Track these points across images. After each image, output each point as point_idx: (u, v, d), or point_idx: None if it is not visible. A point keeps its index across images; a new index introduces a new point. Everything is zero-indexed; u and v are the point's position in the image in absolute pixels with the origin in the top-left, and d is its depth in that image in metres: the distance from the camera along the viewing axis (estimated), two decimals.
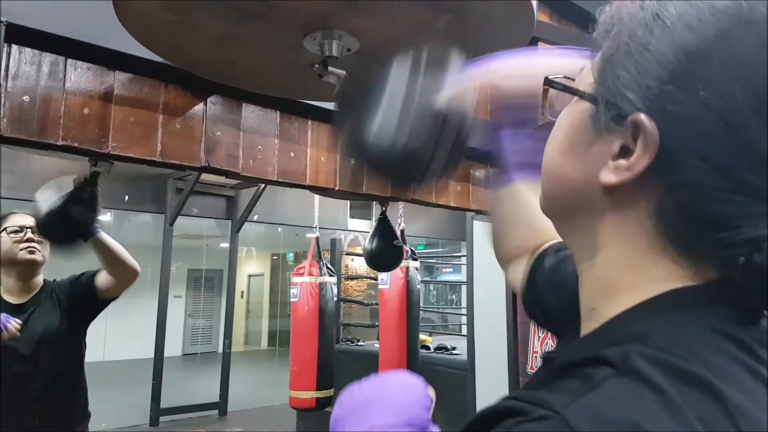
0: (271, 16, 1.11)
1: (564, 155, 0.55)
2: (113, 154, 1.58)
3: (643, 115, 0.47)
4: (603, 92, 0.51)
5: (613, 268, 0.52)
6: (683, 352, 0.43)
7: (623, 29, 0.51)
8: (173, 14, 1.13)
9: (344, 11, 1.09)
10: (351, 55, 1.22)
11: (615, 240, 0.52)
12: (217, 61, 1.39)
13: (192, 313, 14.54)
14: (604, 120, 0.50)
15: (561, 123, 0.57)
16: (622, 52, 0.50)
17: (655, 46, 0.48)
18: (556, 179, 0.57)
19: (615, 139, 0.50)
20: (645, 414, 0.39)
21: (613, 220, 0.52)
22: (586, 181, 0.53)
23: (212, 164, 1.76)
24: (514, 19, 1.16)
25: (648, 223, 0.50)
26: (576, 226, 0.56)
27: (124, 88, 1.61)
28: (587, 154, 0.53)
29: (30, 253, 2.21)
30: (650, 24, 0.49)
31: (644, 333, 0.45)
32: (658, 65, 0.48)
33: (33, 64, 1.47)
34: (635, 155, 0.48)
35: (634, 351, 0.43)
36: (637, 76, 0.49)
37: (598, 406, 0.40)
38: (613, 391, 0.41)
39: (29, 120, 1.44)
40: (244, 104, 1.85)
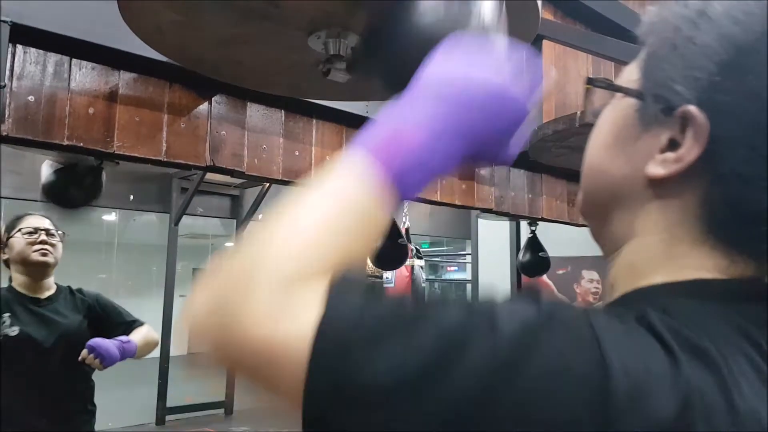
0: (275, 15, 1.10)
1: (608, 151, 0.56)
2: (118, 153, 1.58)
3: (693, 106, 0.48)
4: (649, 87, 0.52)
5: (645, 252, 0.53)
6: (696, 330, 0.43)
7: (667, 26, 0.52)
8: (178, 14, 1.13)
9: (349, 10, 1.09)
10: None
11: (653, 229, 0.52)
12: (221, 61, 1.39)
13: None
14: (652, 113, 0.51)
15: (604, 121, 0.58)
16: (668, 47, 0.51)
17: (701, 39, 0.49)
18: (599, 175, 0.57)
19: (663, 132, 0.50)
20: (655, 362, 0.40)
21: (654, 211, 0.52)
22: (630, 175, 0.53)
23: (217, 163, 1.76)
24: (519, 17, 1.16)
25: (691, 213, 0.50)
26: (613, 221, 0.56)
27: (129, 88, 1.61)
28: (633, 148, 0.53)
29: (42, 254, 2.26)
30: (695, 20, 0.50)
31: (664, 305, 0.46)
32: (705, 57, 0.48)
33: (38, 64, 1.47)
34: (685, 147, 0.49)
35: (653, 314, 0.44)
36: (684, 69, 0.49)
37: (617, 328, 0.42)
38: (632, 328, 0.42)
39: (34, 120, 1.45)
40: (249, 103, 1.85)
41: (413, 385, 0.38)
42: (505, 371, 0.38)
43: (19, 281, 2.29)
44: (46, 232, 2.28)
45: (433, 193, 2.41)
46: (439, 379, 0.38)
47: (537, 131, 2.33)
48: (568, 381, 0.38)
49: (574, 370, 0.38)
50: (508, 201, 2.75)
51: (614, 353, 0.39)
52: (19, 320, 2.15)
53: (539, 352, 0.39)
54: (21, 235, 2.26)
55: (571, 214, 3.14)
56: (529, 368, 0.38)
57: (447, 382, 0.38)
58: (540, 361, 0.39)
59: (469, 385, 0.38)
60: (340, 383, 0.39)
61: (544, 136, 2.23)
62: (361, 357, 0.39)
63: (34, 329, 2.18)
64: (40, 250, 2.26)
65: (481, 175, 2.63)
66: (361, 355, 0.39)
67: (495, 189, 2.69)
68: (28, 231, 2.26)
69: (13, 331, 2.12)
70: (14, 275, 2.28)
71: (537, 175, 2.93)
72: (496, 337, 0.39)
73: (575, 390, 0.38)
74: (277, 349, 0.41)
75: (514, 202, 2.78)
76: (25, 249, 2.25)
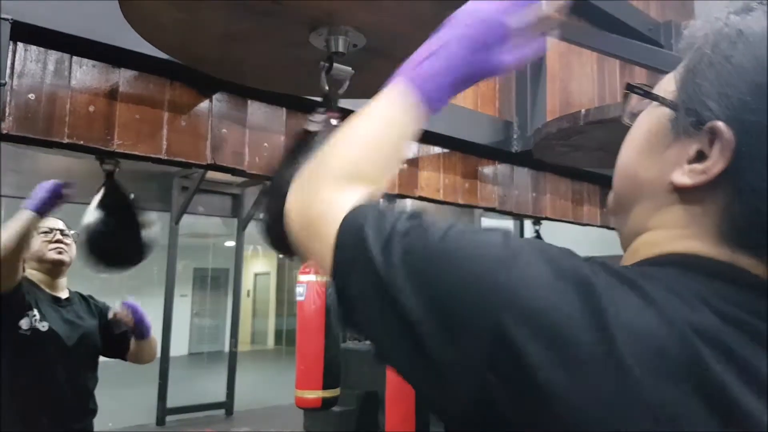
0: (277, 12, 1.10)
1: (639, 155, 0.59)
2: (119, 151, 1.57)
3: (721, 122, 0.50)
4: (684, 99, 0.55)
5: (652, 240, 0.56)
6: (644, 280, 0.48)
7: (707, 42, 0.55)
8: (179, 11, 1.13)
9: (350, 7, 1.08)
10: (357, 51, 1.21)
11: (668, 225, 0.55)
12: (223, 58, 1.38)
13: (198, 312, 14.55)
14: (684, 125, 0.54)
15: (639, 125, 0.61)
16: (705, 63, 0.54)
17: (737, 59, 0.52)
18: (629, 176, 0.60)
19: (692, 144, 0.53)
20: (559, 254, 0.49)
21: (674, 211, 0.55)
22: (656, 178, 0.56)
23: (218, 162, 1.75)
24: None
25: (710, 220, 0.53)
26: (631, 216, 0.59)
27: (130, 86, 1.60)
28: (663, 155, 0.56)
29: (58, 253, 2.32)
30: (734, 39, 0.53)
31: (627, 266, 0.50)
32: (738, 77, 0.51)
33: (38, 62, 1.46)
34: (711, 160, 0.51)
35: (600, 261, 0.49)
36: (718, 85, 0.52)
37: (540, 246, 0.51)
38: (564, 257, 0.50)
39: (35, 118, 1.44)
40: (250, 101, 1.84)
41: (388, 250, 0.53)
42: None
43: (37, 277, 2.34)
44: (61, 232, 2.34)
45: (436, 192, 2.40)
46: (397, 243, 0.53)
47: (540, 129, 2.32)
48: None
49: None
50: (512, 200, 2.73)
51: None
52: (46, 317, 2.21)
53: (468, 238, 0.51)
54: (37, 234, 2.31)
55: (575, 213, 3.13)
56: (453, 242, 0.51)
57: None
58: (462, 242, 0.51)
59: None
60: (353, 244, 0.56)
61: (548, 134, 2.22)
62: (364, 235, 0.55)
63: (60, 326, 2.24)
64: (56, 249, 2.32)
65: (484, 174, 2.62)
66: (364, 234, 0.55)
67: (498, 188, 2.67)
68: (43, 231, 2.32)
69: (43, 327, 2.19)
70: (29, 272, 2.33)
71: (541, 173, 2.92)
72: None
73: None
74: (326, 219, 0.59)
75: (517, 200, 2.77)
76: (42, 248, 2.31)
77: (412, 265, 0.50)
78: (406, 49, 1.23)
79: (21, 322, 2.14)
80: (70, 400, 2.27)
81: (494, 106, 2.67)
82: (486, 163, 2.63)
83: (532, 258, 0.48)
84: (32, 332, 2.16)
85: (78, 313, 2.37)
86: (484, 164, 2.62)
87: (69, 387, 2.26)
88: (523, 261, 0.48)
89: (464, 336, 0.46)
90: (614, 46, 2.44)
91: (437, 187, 2.40)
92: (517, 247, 0.49)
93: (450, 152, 2.47)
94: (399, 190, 2.27)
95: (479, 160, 2.60)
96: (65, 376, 2.24)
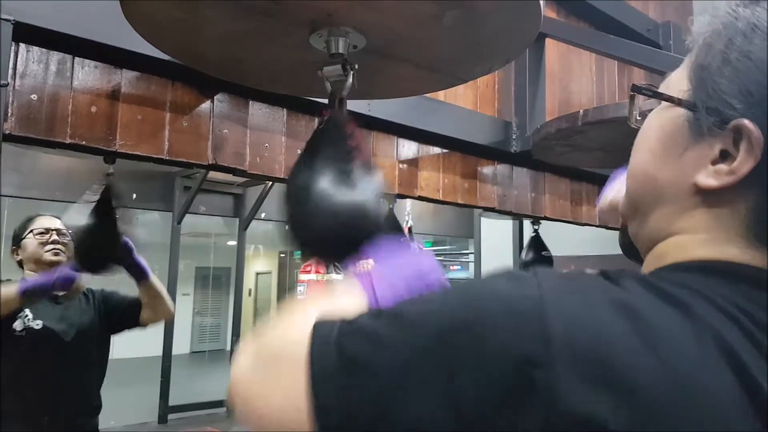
0: (277, 13, 1.10)
1: (655, 157, 0.57)
2: (121, 152, 1.58)
3: (747, 120, 0.49)
4: (702, 98, 0.53)
5: (680, 244, 0.54)
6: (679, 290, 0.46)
7: (719, 39, 0.53)
8: (180, 12, 1.13)
9: (351, 8, 1.09)
10: (357, 52, 1.22)
11: (694, 229, 0.54)
12: (224, 59, 1.39)
13: (200, 310, 14.55)
14: (704, 125, 0.52)
15: (650, 127, 0.59)
16: (720, 60, 0.52)
17: (757, 54, 0.50)
18: (645, 179, 0.58)
19: (715, 144, 0.51)
20: (600, 290, 0.45)
21: (698, 215, 0.53)
22: (676, 182, 0.54)
23: (219, 162, 1.76)
24: (520, 15, 1.16)
25: (739, 221, 0.51)
26: (651, 220, 0.58)
27: (132, 86, 1.61)
28: (682, 157, 0.54)
29: (55, 254, 2.30)
30: (748, 33, 0.51)
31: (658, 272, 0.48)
32: (759, 72, 0.49)
33: (41, 63, 1.47)
34: (738, 160, 0.50)
35: (633, 273, 0.47)
36: (739, 83, 0.50)
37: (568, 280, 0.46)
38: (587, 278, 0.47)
39: (37, 118, 1.45)
40: (251, 102, 1.85)
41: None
42: None
43: None
44: (57, 232, 2.33)
45: (436, 192, 2.41)
46: None
47: (540, 129, 2.33)
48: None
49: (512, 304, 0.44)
50: (511, 200, 2.74)
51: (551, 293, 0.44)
52: (39, 315, 2.20)
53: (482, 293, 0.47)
54: (33, 236, 2.31)
55: (574, 212, 3.13)
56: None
57: None
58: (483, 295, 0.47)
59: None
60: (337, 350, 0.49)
61: (547, 134, 2.23)
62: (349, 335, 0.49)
63: (55, 324, 2.24)
64: (52, 250, 2.30)
65: (483, 174, 2.63)
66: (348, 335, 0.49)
67: (498, 187, 2.68)
68: (39, 231, 2.31)
69: (37, 325, 2.18)
70: (27, 274, 2.32)
71: (540, 173, 2.93)
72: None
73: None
74: (287, 347, 0.53)
75: (517, 200, 2.77)
76: (38, 249, 2.29)
77: (424, 347, 0.44)
78: (406, 49, 1.25)
79: (14, 324, 2.14)
80: (71, 397, 2.26)
81: (494, 107, 2.68)
82: (485, 163, 2.64)
83: (561, 293, 0.44)
84: (27, 332, 2.16)
85: (77, 308, 2.35)
86: (484, 164, 2.63)
87: (69, 384, 2.25)
88: (553, 300, 0.43)
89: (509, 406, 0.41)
90: (613, 46, 2.45)
91: (437, 187, 2.41)
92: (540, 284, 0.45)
93: (449, 152, 2.48)
94: (399, 190, 2.28)
95: (479, 160, 2.61)
96: (65, 373, 2.24)
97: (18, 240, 2.34)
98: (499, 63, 1.43)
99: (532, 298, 0.44)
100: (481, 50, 1.30)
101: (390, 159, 2.25)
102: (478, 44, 1.26)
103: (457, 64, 1.38)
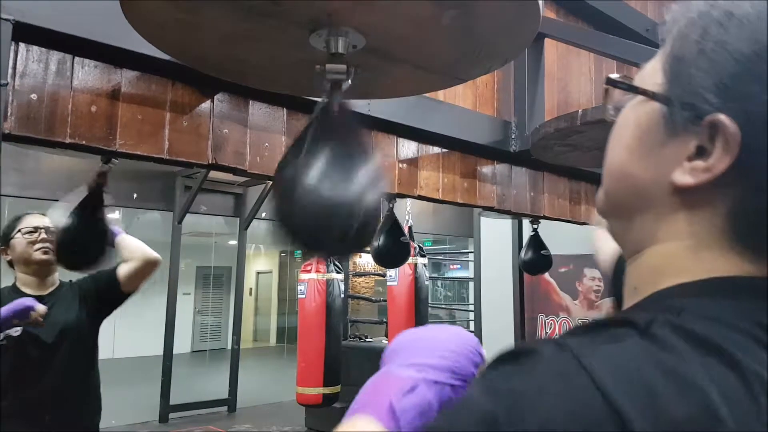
0: (277, 13, 1.11)
1: (631, 154, 0.54)
2: (121, 151, 1.58)
3: (723, 115, 0.46)
4: (677, 92, 0.50)
5: (669, 257, 0.52)
6: (711, 328, 0.43)
7: (694, 28, 0.50)
8: (180, 12, 1.14)
9: (350, 8, 1.09)
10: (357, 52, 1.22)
11: (678, 236, 0.51)
12: (224, 59, 1.39)
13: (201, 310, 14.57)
14: (679, 120, 0.49)
15: (626, 122, 0.56)
16: (695, 51, 0.49)
17: (732, 44, 0.47)
18: (622, 177, 0.56)
19: (690, 140, 0.49)
20: (657, 369, 0.39)
21: (681, 219, 0.51)
22: (655, 180, 0.52)
23: (219, 161, 1.77)
24: (519, 15, 1.16)
25: (720, 221, 0.49)
26: (635, 224, 0.55)
27: (132, 86, 1.61)
28: (659, 154, 0.52)
29: (44, 253, 2.27)
30: (724, 22, 0.48)
31: (678, 307, 0.45)
32: (735, 63, 0.47)
33: (40, 63, 1.48)
34: (715, 156, 0.47)
35: (662, 318, 0.43)
36: (715, 75, 0.47)
37: (613, 354, 0.41)
38: (630, 345, 0.42)
39: (37, 118, 1.45)
40: (251, 101, 1.86)
41: None
42: None
43: (25, 280, 2.30)
44: (46, 230, 2.28)
45: (435, 192, 2.41)
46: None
47: (539, 129, 2.33)
48: None
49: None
50: (510, 199, 2.75)
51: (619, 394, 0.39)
52: None
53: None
54: (21, 235, 2.27)
55: (573, 212, 3.14)
56: None
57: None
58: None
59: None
60: None
61: (546, 134, 2.24)
62: None
63: (35, 327, 2.15)
64: (41, 249, 2.26)
65: (482, 173, 2.63)
66: None
67: (497, 187, 2.69)
68: (28, 230, 2.27)
69: (16, 332, 2.12)
70: (18, 275, 2.29)
71: (539, 173, 2.93)
72: None
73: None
74: None
75: (516, 200, 2.78)
76: (27, 249, 2.25)
77: None
78: (405, 49, 1.25)
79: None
80: (64, 399, 2.21)
81: (493, 107, 2.69)
82: (485, 163, 2.65)
83: (621, 384, 0.39)
84: (7, 340, 2.10)
85: (61, 305, 2.29)
86: (483, 164, 2.64)
87: (60, 386, 2.20)
88: (617, 392, 0.39)
89: None
90: (612, 46, 2.45)
91: (436, 186, 2.41)
92: (593, 373, 0.40)
93: (449, 152, 2.49)
94: (399, 190, 2.29)
95: (478, 159, 2.61)
96: (53, 375, 2.18)
97: (6, 240, 2.29)
98: (498, 63, 1.43)
99: (595, 402, 0.39)
100: (480, 50, 1.30)
101: (390, 158, 2.26)
102: (477, 44, 1.27)
103: (456, 63, 1.38)
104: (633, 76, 0.58)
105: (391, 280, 5.40)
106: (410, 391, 0.58)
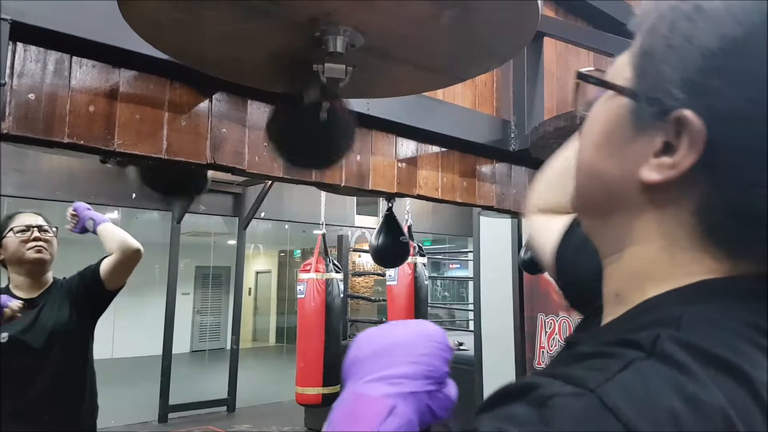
0: (276, 12, 1.10)
1: (600, 151, 0.54)
2: (119, 151, 1.58)
3: (688, 111, 0.46)
4: (644, 87, 0.50)
5: (647, 260, 0.51)
6: (714, 338, 0.43)
7: (663, 22, 0.49)
8: (178, 11, 1.13)
9: (349, 8, 1.09)
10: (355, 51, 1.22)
11: (651, 236, 0.51)
12: (222, 58, 1.38)
13: (200, 310, 14.59)
14: (646, 116, 0.49)
15: (595, 118, 0.56)
16: (663, 46, 0.49)
17: (699, 39, 0.46)
18: (592, 175, 0.55)
19: (657, 136, 0.48)
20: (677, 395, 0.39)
21: (652, 218, 0.50)
22: (624, 177, 0.51)
23: (218, 161, 1.76)
24: (518, 14, 1.16)
25: (689, 220, 0.49)
26: (609, 223, 0.55)
27: (130, 86, 1.61)
28: (626, 150, 0.51)
29: (37, 252, 2.24)
30: (693, 16, 0.47)
31: (675, 318, 0.45)
32: (702, 58, 0.46)
33: (38, 62, 1.47)
34: (680, 153, 0.47)
35: (665, 335, 0.43)
36: (681, 70, 0.47)
37: (632, 385, 0.40)
38: (646, 371, 0.41)
39: (35, 118, 1.45)
40: (250, 101, 1.85)
41: None
42: None
43: (17, 282, 2.26)
44: (39, 229, 2.25)
45: (434, 191, 2.41)
46: None
47: (538, 128, 2.33)
48: None
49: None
50: (510, 198, 2.74)
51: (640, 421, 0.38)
52: (7, 326, 2.08)
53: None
54: (14, 234, 2.23)
55: None
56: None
57: None
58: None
59: None
60: None
61: (546, 133, 2.23)
62: None
63: (23, 332, 2.13)
64: (34, 248, 2.23)
65: (482, 172, 2.63)
66: None
67: (496, 186, 2.68)
68: (20, 229, 2.23)
69: (3, 339, 2.09)
70: (11, 276, 2.26)
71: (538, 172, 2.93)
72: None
73: None
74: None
75: (515, 199, 2.77)
76: (20, 248, 2.22)
77: None
78: (404, 48, 1.25)
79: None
80: (58, 401, 2.17)
81: (492, 106, 2.68)
82: (484, 162, 2.64)
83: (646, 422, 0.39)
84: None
85: (51, 307, 2.25)
86: (482, 163, 2.63)
87: (53, 389, 2.16)
88: None
89: None
90: (611, 45, 2.44)
91: (436, 185, 2.41)
92: (620, 415, 0.39)
93: (448, 151, 2.48)
94: (398, 189, 2.28)
95: (477, 158, 2.61)
96: (44, 380, 2.14)
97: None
98: (497, 62, 1.43)
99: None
100: (479, 49, 1.30)
101: (389, 158, 2.25)
102: (477, 43, 1.26)
103: (455, 62, 1.38)
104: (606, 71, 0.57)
105: (390, 280, 5.40)
106: (390, 414, 0.55)
